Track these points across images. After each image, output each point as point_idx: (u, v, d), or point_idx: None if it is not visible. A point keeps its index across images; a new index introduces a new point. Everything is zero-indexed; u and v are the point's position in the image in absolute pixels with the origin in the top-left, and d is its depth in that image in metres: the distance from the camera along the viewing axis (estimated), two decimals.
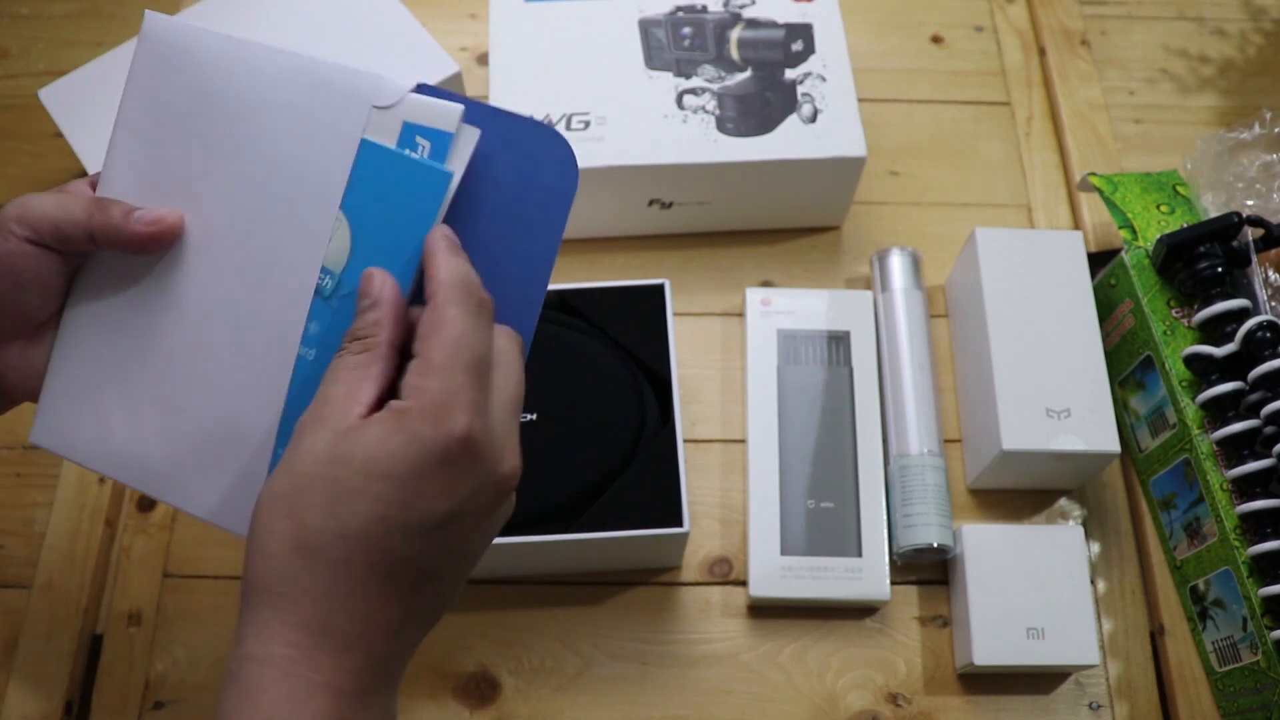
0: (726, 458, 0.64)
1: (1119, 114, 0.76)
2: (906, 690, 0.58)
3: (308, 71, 0.39)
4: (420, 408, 0.32)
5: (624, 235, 0.70)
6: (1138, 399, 0.62)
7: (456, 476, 0.32)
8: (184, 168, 0.41)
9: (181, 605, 0.59)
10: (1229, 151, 0.62)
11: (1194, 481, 0.58)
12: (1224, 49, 0.80)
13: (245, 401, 0.40)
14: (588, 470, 0.53)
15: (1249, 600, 0.54)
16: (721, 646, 0.59)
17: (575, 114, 0.65)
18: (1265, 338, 0.55)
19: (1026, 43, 0.80)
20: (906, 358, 0.63)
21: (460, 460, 0.32)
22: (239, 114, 0.39)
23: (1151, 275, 0.61)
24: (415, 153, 0.37)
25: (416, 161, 0.37)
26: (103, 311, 0.42)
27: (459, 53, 0.78)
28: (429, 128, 0.37)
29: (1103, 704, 0.58)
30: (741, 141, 0.64)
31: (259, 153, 0.39)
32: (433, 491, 0.32)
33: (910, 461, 0.60)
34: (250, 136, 0.39)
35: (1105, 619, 0.60)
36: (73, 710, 0.57)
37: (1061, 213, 0.73)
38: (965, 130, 0.76)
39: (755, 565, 0.58)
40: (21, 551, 0.60)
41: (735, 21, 0.69)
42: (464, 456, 0.32)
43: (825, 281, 0.70)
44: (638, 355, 0.56)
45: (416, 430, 0.32)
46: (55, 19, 0.79)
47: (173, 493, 0.41)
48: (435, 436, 0.32)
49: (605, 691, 0.57)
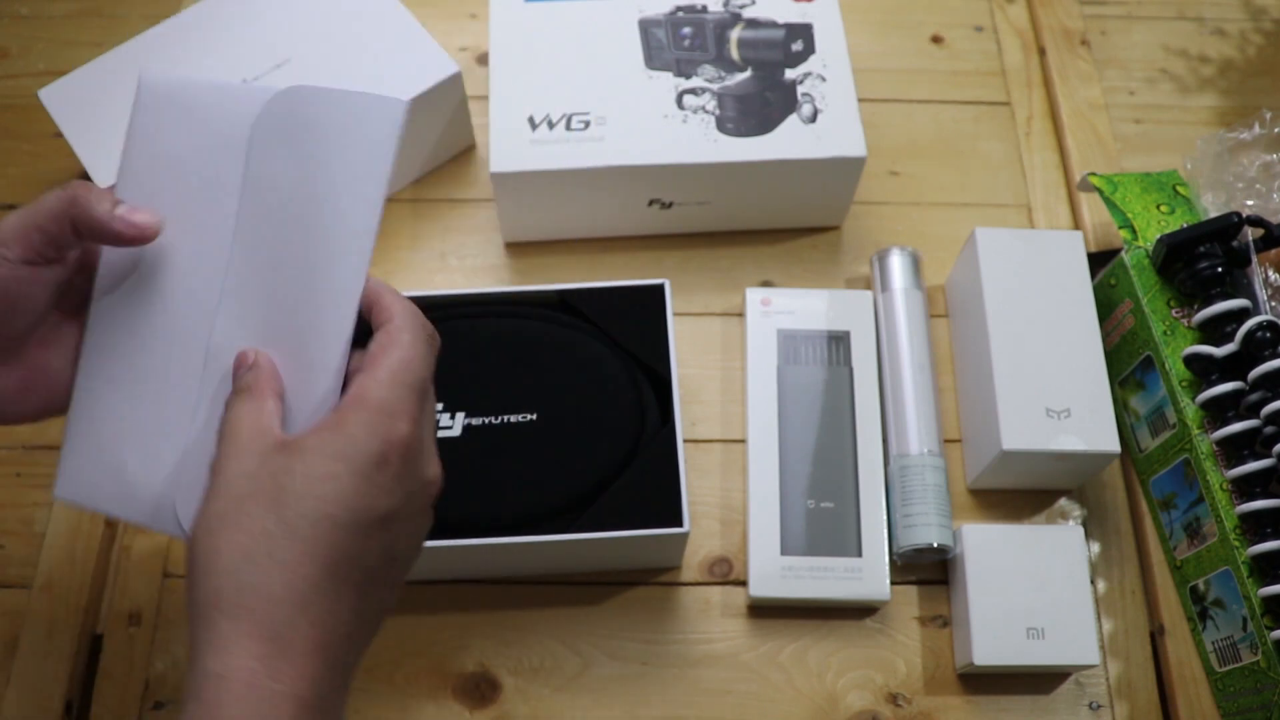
0: (726, 458, 0.64)
1: (1119, 114, 0.76)
2: (906, 690, 0.58)
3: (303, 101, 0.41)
4: (366, 413, 0.35)
5: (624, 235, 0.70)
6: (1138, 399, 0.62)
7: (393, 478, 0.35)
8: (188, 205, 0.42)
9: (182, 606, 0.59)
10: (1229, 151, 0.62)
11: (1194, 481, 0.58)
12: (1224, 49, 0.80)
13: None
14: (588, 470, 0.53)
15: (1249, 600, 0.54)
16: (721, 647, 0.59)
17: (575, 114, 0.65)
18: (1265, 338, 0.55)
19: (1026, 43, 0.80)
20: (906, 358, 0.63)
21: (395, 463, 0.35)
22: (239, 153, 0.41)
23: (1151, 275, 0.61)
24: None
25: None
26: (117, 357, 0.42)
27: (459, 52, 0.78)
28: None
29: (1103, 704, 0.58)
30: (741, 141, 0.64)
31: (269, 188, 0.41)
32: (373, 491, 0.34)
33: (910, 461, 0.60)
34: (253, 174, 0.41)
35: (1105, 619, 0.60)
36: (72, 710, 0.56)
37: (1061, 213, 0.73)
38: (965, 130, 0.76)
39: (755, 565, 0.58)
40: (21, 551, 0.60)
41: (735, 21, 0.69)
42: (400, 460, 0.35)
43: (825, 281, 0.70)
44: (638, 355, 0.56)
45: (355, 434, 0.34)
46: (55, 19, 0.79)
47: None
48: (376, 439, 0.34)
49: (605, 691, 0.57)
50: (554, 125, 0.65)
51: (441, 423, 0.53)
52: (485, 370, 0.54)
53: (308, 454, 0.34)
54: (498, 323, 0.55)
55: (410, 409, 0.36)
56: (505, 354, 0.55)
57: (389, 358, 0.36)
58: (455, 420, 0.53)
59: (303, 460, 0.34)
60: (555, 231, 0.69)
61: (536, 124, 0.65)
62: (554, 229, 0.69)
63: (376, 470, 0.34)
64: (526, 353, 0.55)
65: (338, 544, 0.33)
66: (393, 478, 0.35)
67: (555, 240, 0.70)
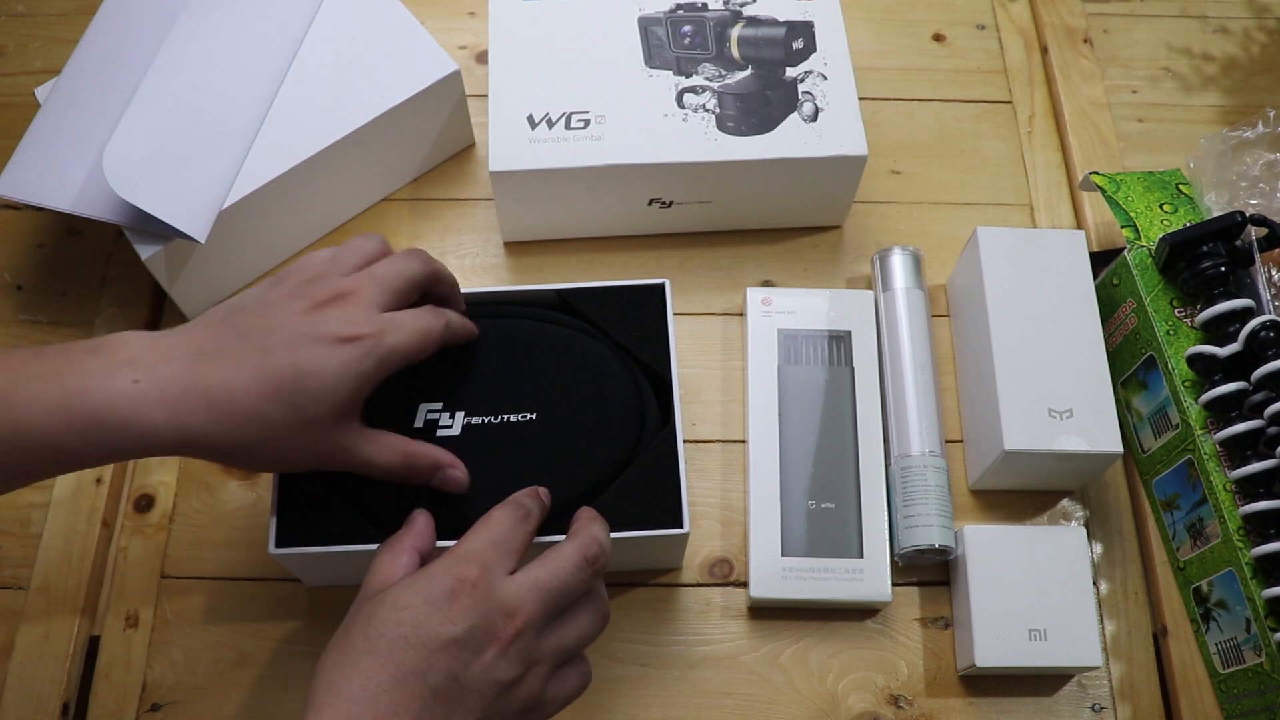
0: (727, 458, 0.63)
1: (1121, 112, 0.76)
2: (908, 692, 0.57)
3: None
4: (448, 559, 0.43)
5: (624, 235, 0.70)
6: (1140, 399, 0.62)
7: (462, 610, 0.40)
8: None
9: (179, 607, 0.59)
10: (1232, 150, 0.62)
11: (1197, 482, 0.57)
12: (1227, 47, 0.79)
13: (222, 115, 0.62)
14: (587, 470, 0.53)
15: (1252, 602, 0.54)
16: (722, 648, 0.58)
17: (575, 112, 0.65)
18: (1269, 337, 0.54)
19: (1029, 41, 0.79)
20: (908, 358, 0.63)
21: (464, 598, 0.41)
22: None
23: (1154, 275, 0.61)
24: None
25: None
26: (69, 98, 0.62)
27: (458, 51, 0.78)
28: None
29: (1105, 706, 0.57)
30: (742, 140, 0.64)
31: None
32: (440, 619, 0.40)
33: (912, 462, 0.59)
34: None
35: (1108, 620, 0.60)
36: (69, 712, 0.56)
37: (1064, 212, 0.72)
38: (967, 129, 0.75)
39: (756, 566, 0.58)
40: (18, 553, 0.60)
41: (736, 19, 0.68)
42: (469, 596, 0.41)
43: (826, 281, 0.69)
44: (638, 355, 0.56)
45: (435, 572, 0.42)
46: (51, 17, 0.78)
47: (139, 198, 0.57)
48: (449, 578, 0.41)
49: (605, 694, 0.57)
50: (553, 124, 0.64)
51: (441, 422, 0.53)
52: (485, 370, 0.54)
53: (399, 588, 0.42)
54: (497, 322, 0.55)
55: (484, 558, 0.42)
56: (505, 353, 0.54)
57: (478, 525, 0.45)
58: (455, 419, 0.53)
59: (393, 592, 0.41)
60: (555, 231, 0.69)
61: (536, 122, 0.64)
62: (553, 228, 0.69)
63: (447, 602, 0.41)
64: (526, 352, 0.54)
65: (405, 660, 0.39)
66: (461, 610, 0.40)
67: (555, 239, 0.70)
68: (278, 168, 0.62)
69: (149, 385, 0.41)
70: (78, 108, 0.62)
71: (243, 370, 0.42)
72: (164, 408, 0.41)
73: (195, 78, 0.63)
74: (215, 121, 0.62)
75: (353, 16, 0.68)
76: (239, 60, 0.64)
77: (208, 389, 0.42)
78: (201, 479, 0.62)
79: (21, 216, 0.70)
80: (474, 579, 0.41)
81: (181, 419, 0.41)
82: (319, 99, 0.64)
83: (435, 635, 0.40)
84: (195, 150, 0.61)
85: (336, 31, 0.67)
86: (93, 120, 0.61)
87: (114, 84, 0.63)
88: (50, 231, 0.70)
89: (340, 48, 0.66)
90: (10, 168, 0.60)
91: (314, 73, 0.65)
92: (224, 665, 0.57)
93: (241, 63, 0.64)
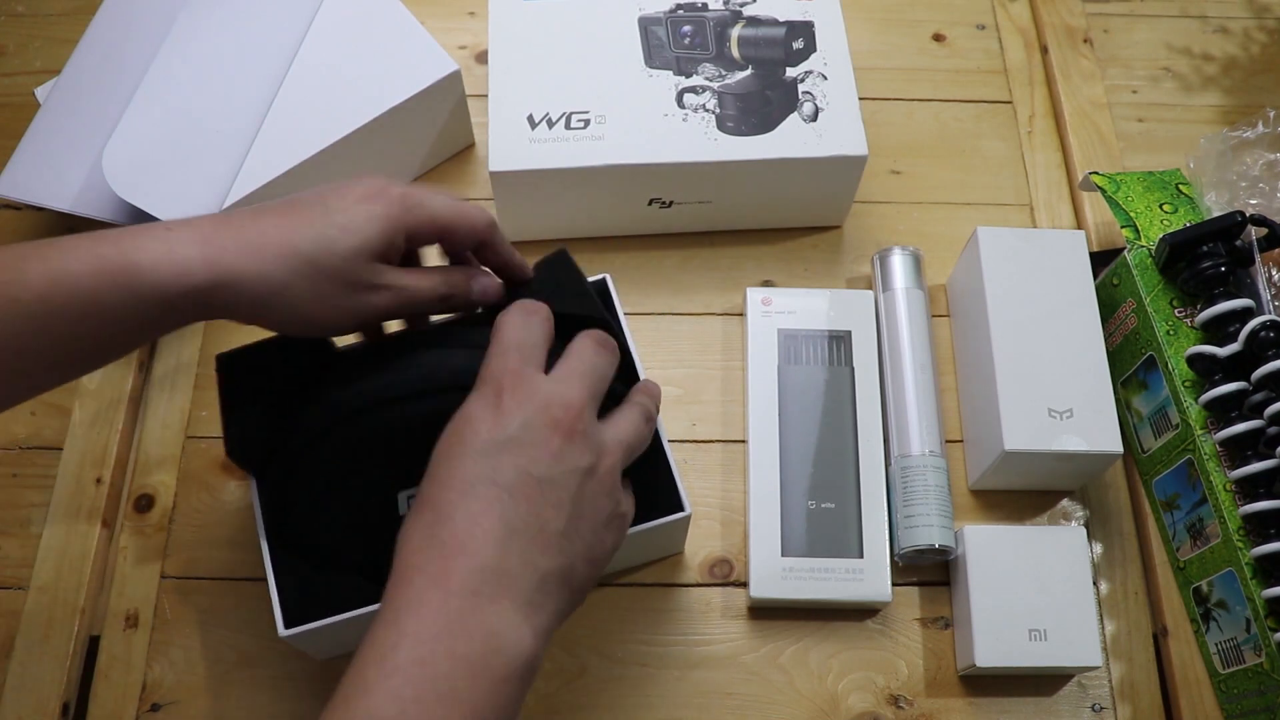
0: (727, 458, 0.63)
1: (1122, 112, 0.76)
2: (908, 692, 0.57)
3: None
4: (485, 367, 0.43)
5: (624, 235, 0.70)
6: (1140, 399, 0.62)
7: (507, 410, 0.41)
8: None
9: (179, 607, 0.58)
10: (1232, 150, 0.62)
11: (1197, 482, 0.57)
12: (1227, 47, 0.79)
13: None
14: None
15: (1252, 602, 0.54)
16: (722, 648, 0.58)
17: (575, 112, 0.65)
18: (1269, 338, 0.54)
19: (1029, 41, 0.79)
20: (908, 358, 0.63)
21: (506, 397, 0.41)
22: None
23: (1154, 275, 0.61)
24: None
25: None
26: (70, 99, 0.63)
27: (458, 51, 0.78)
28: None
29: (1105, 706, 0.57)
30: (742, 140, 0.64)
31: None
32: (490, 422, 0.41)
33: (912, 462, 0.59)
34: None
35: (1108, 620, 0.60)
36: (69, 712, 0.56)
37: (1064, 212, 0.72)
38: (967, 129, 0.75)
39: (756, 566, 0.58)
40: (18, 552, 0.60)
41: (736, 19, 0.68)
42: (510, 395, 0.41)
43: (826, 281, 0.69)
44: (578, 314, 0.51)
45: (482, 376, 0.43)
46: (51, 17, 0.78)
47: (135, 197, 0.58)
48: (484, 385, 0.42)
49: (605, 694, 0.57)
50: (553, 124, 0.64)
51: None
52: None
53: (448, 426, 0.42)
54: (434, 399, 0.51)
55: (514, 361, 0.42)
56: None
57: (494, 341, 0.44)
58: None
59: (445, 431, 0.42)
60: (555, 230, 0.69)
61: (536, 122, 0.64)
62: (553, 228, 0.69)
63: (494, 406, 0.41)
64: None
65: (468, 470, 0.40)
66: (509, 409, 0.41)
67: (555, 239, 0.70)
68: (278, 168, 0.62)
69: (181, 229, 0.42)
70: (78, 108, 0.62)
71: (272, 212, 0.43)
72: (196, 245, 0.41)
73: (195, 78, 0.63)
74: (215, 122, 0.62)
75: (353, 16, 0.68)
76: (239, 60, 0.64)
77: (240, 228, 0.42)
78: (201, 479, 0.62)
79: (21, 216, 0.70)
80: (512, 377, 0.42)
81: (213, 253, 0.41)
82: (319, 99, 0.64)
83: (491, 438, 0.40)
84: (195, 150, 0.61)
85: (336, 31, 0.67)
86: (92, 120, 0.61)
87: (114, 84, 0.63)
88: (50, 231, 0.70)
89: (340, 48, 0.66)
90: (10, 168, 0.61)
91: (314, 72, 0.65)
92: (224, 665, 0.57)
93: (241, 62, 0.64)
